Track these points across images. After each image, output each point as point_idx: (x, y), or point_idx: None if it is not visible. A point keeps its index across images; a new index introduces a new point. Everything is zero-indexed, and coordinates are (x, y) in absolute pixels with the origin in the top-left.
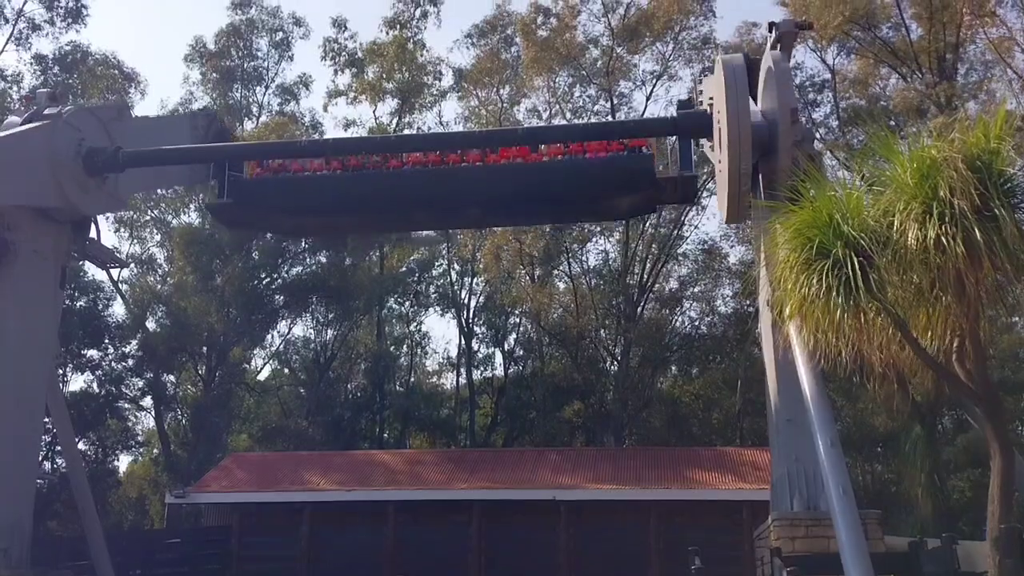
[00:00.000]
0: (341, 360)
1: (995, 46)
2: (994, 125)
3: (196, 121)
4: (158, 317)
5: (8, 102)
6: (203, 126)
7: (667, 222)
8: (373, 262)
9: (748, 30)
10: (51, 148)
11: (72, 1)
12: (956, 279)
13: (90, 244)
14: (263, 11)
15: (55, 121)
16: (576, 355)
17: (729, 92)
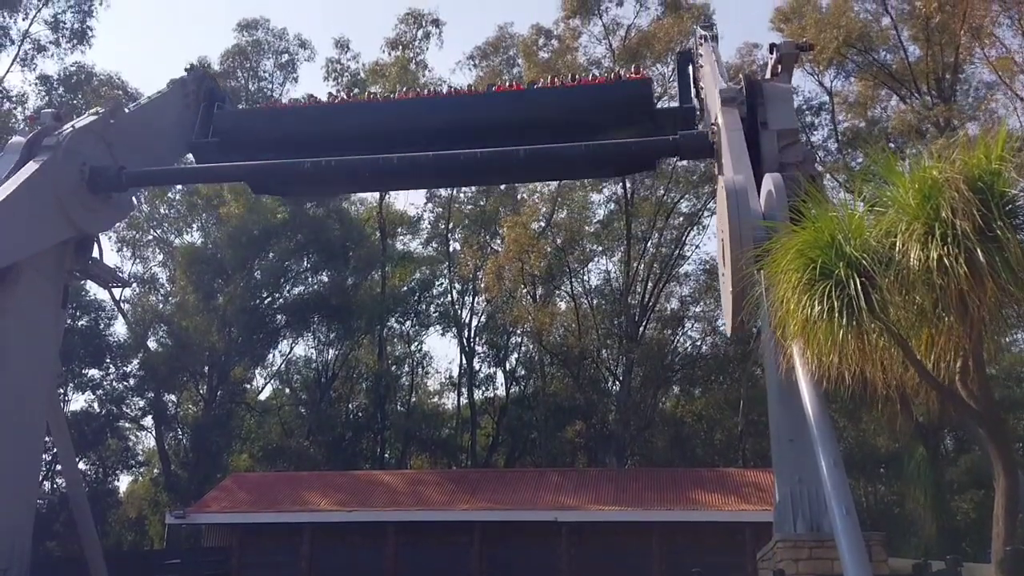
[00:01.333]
0: (342, 380)
1: (995, 67)
2: (995, 146)
3: (187, 88)
4: (159, 336)
5: (13, 122)
6: (194, 91)
7: (668, 242)
8: (375, 281)
9: (749, 51)
10: (56, 184)
11: (78, 23)
12: (959, 299)
13: (93, 263)
14: (269, 33)
15: (56, 153)
16: (578, 375)
17: (731, 213)
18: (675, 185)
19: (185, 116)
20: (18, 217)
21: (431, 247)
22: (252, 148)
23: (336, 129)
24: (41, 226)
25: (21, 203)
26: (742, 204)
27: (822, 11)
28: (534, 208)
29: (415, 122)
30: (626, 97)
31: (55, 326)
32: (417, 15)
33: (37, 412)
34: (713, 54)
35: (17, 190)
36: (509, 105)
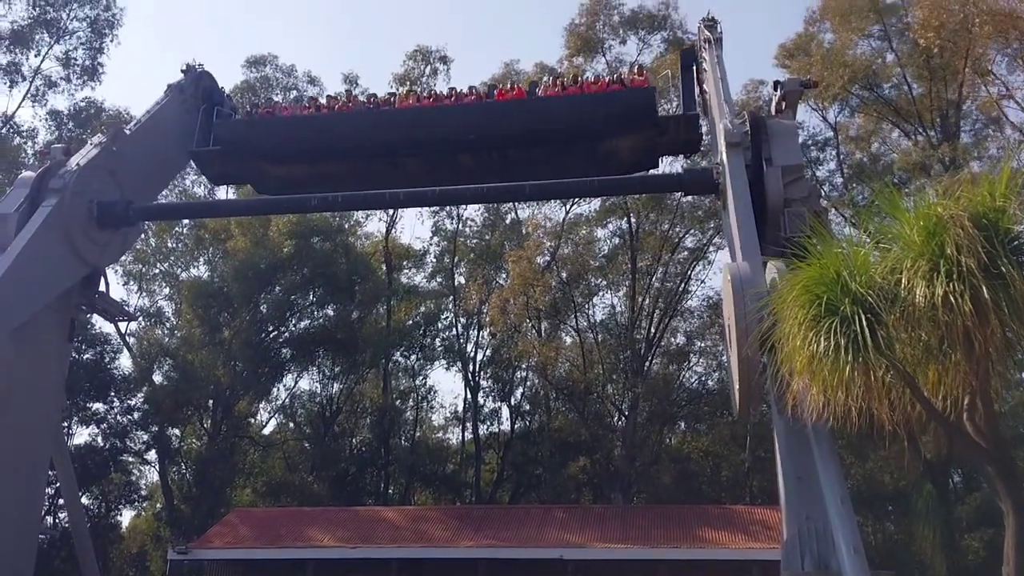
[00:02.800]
0: (347, 414)
1: (995, 104)
2: (999, 183)
3: (184, 93)
4: (165, 370)
5: (23, 156)
6: (192, 93)
7: (673, 276)
8: (380, 315)
9: (755, 87)
10: (66, 228)
11: (89, 60)
12: (965, 336)
13: (99, 297)
14: (278, 69)
15: (63, 197)
16: (583, 410)
17: (736, 301)
18: (680, 220)
19: (185, 121)
20: (33, 271)
21: (436, 281)
22: (254, 156)
23: (338, 138)
24: (55, 273)
25: (34, 257)
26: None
27: (827, 46)
28: (539, 242)
29: (419, 131)
30: (630, 105)
31: (61, 360)
32: (425, 52)
33: (41, 446)
34: (717, 59)
35: (29, 245)
36: (512, 114)
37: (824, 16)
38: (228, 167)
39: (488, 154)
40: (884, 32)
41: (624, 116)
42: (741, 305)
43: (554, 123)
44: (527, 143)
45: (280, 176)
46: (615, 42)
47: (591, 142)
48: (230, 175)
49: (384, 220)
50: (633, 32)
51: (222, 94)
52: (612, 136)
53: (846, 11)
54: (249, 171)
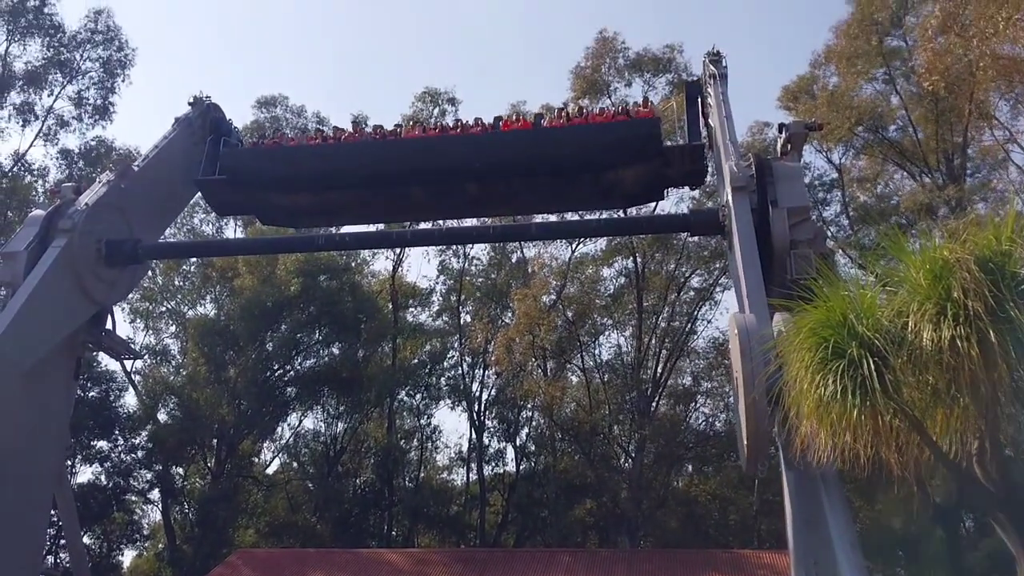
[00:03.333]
0: (350, 454)
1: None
2: (1005, 227)
3: (192, 126)
4: (170, 408)
5: (33, 195)
6: (200, 126)
7: (679, 316)
8: (385, 354)
9: (760, 129)
10: (75, 269)
11: (100, 99)
12: (972, 380)
13: (106, 335)
14: (288, 110)
15: (72, 238)
16: (589, 451)
17: (744, 358)
18: (686, 260)
19: (193, 153)
20: (44, 313)
21: (442, 320)
22: (259, 186)
23: (344, 167)
24: (65, 314)
25: (45, 298)
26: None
27: (830, 88)
28: (545, 281)
29: (424, 160)
30: (634, 134)
31: (66, 398)
32: (434, 93)
33: (44, 485)
34: (722, 96)
35: (39, 286)
36: (518, 143)
37: (829, 60)
38: (233, 196)
39: (494, 183)
40: (888, 75)
41: (629, 145)
42: (748, 360)
43: (559, 152)
44: (532, 172)
45: (285, 206)
46: (620, 84)
47: (596, 171)
48: (235, 205)
49: (391, 258)
50: (638, 75)
51: (230, 125)
52: (617, 165)
53: (851, 55)
54: (254, 201)
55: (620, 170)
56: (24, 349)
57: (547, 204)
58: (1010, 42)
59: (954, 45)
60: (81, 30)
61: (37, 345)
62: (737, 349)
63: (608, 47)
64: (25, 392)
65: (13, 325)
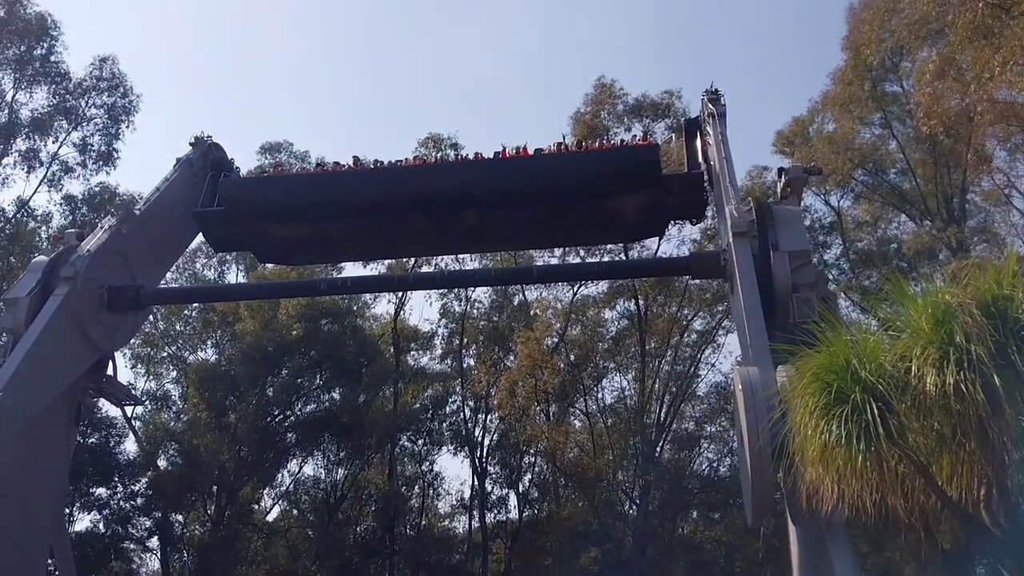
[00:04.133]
0: (351, 501)
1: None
2: (1006, 271)
3: (193, 166)
4: (170, 455)
5: (37, 240)
6: (201, 166)
7: (683, 359)
8: (387, 398)
9: (759, 173)
10: (77, 316)
11: (104, 145)
12: (978, 425)
13: (107, 381)
14: (292, 155)
15: (74, 285)
16: (593, 498)
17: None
18: (688, 302)
19: (194, 193)
20: (46, 361)
21: (445, 363)
22: (257, 216)
23: (343, 195)
24: (68, 361)
25: (48, 346)
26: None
27: (826, 133)
28: (547, 323)
29: (423, 188)
30: (634, 161)
31: (66, 445)
32: (437, 139)
33: (41, 534)
34: (721, 136)
35: (42, 335)
36: (518, 170)
37: (825, 106)
38: (231, 230)
39: (493, 212)
40: (885, 119)
41: (628, 172)
42: (753, 415)
43: (558, 179)
44: (531, 199)
45: (283, 238)
46: (620, 129)
47: (596, 199)
48: (232, 240)
49: (393, 302)
50: (637, 120)
51: (231, 164)
52: (617, 193)
53: (846, 100)
54: (251, 234)
55: (620, 198)
56: (26, 399)
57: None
58: (1007, 86)
59: (951, 90)
60: (87, 77)
61: (39, 394)
62: (741, 403)
63: (607, 93)
64: (24, 439)
65: (16, 375)
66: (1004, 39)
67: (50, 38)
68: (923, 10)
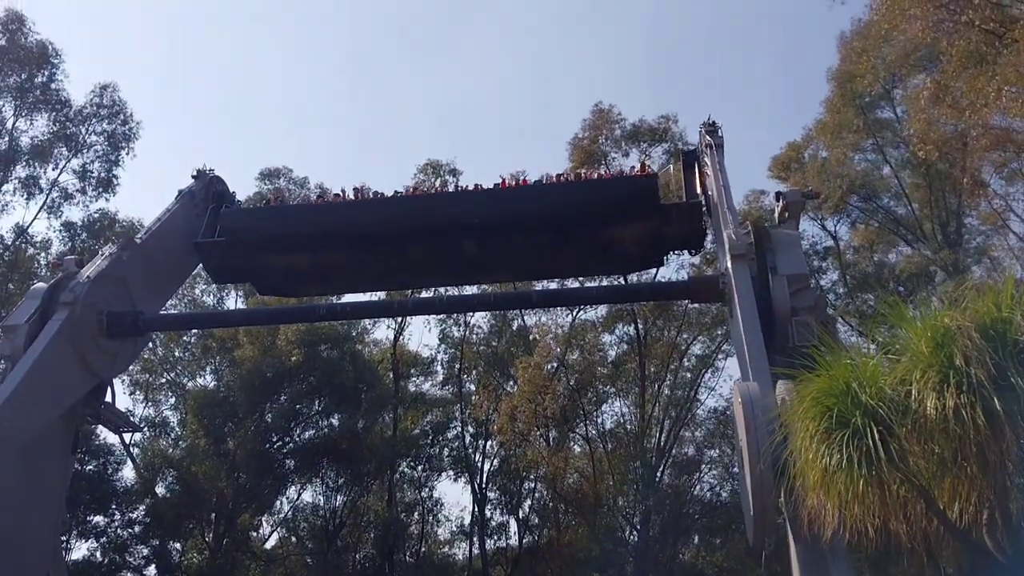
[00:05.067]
0: (350, 527)
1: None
2: (1004, 294)
3: (195, 199)
4: (168, 482)
5: (36, 267)
6: (202, 197)
7: (683, 384)
8: (386, 424)
9: (756, 198)
10: (75, 342)
11: (104, 172)
12: (979, 448)
13: (105, 408)
14: (292, 182)
15: (73, 310)
16: (594, 523)
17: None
18: (687, 326)
19: (196, 225)
20: (44, 386)
21: (445, 389)
22: (257, 246)
23: (343, 224)
24: (66, 386)
25: (45, 371)
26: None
27: (820, 159)
28: (547, 348)
29: (422, 217)
30: (633, 192)
31: (63, 472)
32: (436, 165)
33: (39, 563)
34: (719, 165)
35: (40, 358)
36: (517, 199)
37: (819, 134)
38: (231, 260)
39: (492, 241)
40: (877, 145)
41: (627, 201)
42: (753, 430)
43: (558, 207)
44: (530, 227)
45: (282, 267)
46: (618, 154)
47: (594, 228)
48: (232, 270)
49: (392, 327)
50: (635, 145)
51: (233, 197)
52: (616, 222)
53: (837, 128)
54: (251, 264)
55: (618, 227)
56: (22, 422)
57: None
58: (1001, 112)
59: (946, 116)
60: (87, 104)
61: (36, 419)
62: (741, 418)
63: (605, 119)
64: (22, 465)
65: (12, 398)
66: (998, 67)
67: (51, 66)
68: (918, 37)
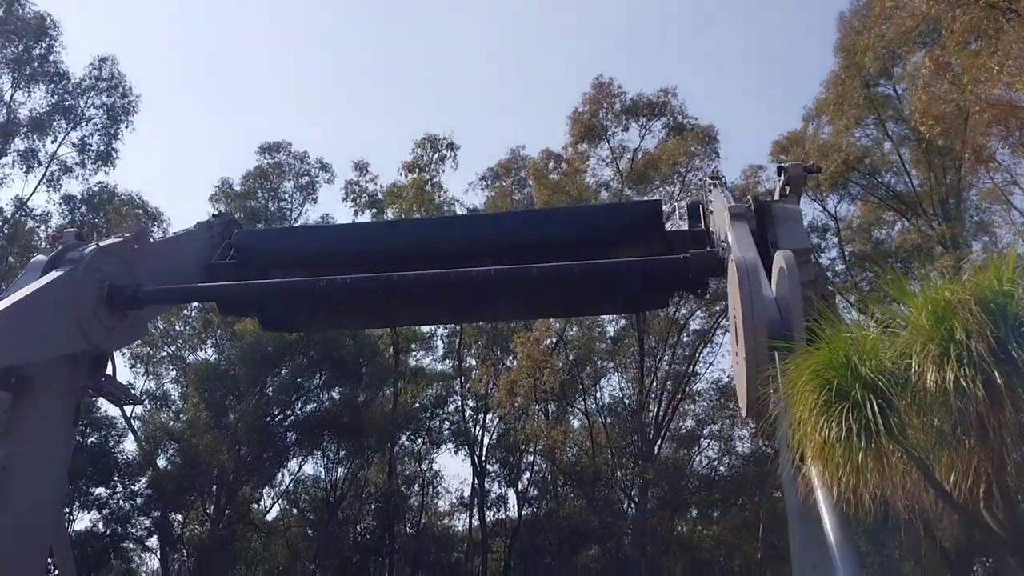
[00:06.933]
0: (351, 500)
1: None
2: (1006, 268)
3: (212, 231)
4: (169, 454)
5: (36, 240)
6: (219, 233)
7: (680, 359)
8: (387, 398)
9: (754, 173)
10: (73, 295)
11: (103, 145)
12: (978, 422)
13: (106, 380)
14: (291, 155)
15: (77, 267)
16: (592, 496)
17: (743, 289)
18: (686, 301)
19: (208, 254)
20: (29, 320)
21: (445, 364)
22: (266, 267)
23: (348, 248)
24: (52, 333)
25: (34, 306)
26: (753, 283)
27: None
28: (546, 324)
29: (427, 242)
30: (637, 217)
31: (65, 444)
32: (433, 139)
33: (41, 534)
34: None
35: (33, 293)
36: (522, 224)
37: (820, 112)
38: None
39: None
40: (879, 120)
41: (630, 226)
42: (749, 301)
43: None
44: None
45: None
46: (618, 129)
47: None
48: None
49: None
50: (635, 119)
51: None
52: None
53: (839, 102)
54: None
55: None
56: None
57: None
58: (1004, 87)
59: (948, 91)
60: (86, 77)
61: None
62: (736, 289)
63: (604, 92)
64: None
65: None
66: (1000, 42)
67: (49, 38)
68: (920, 10)
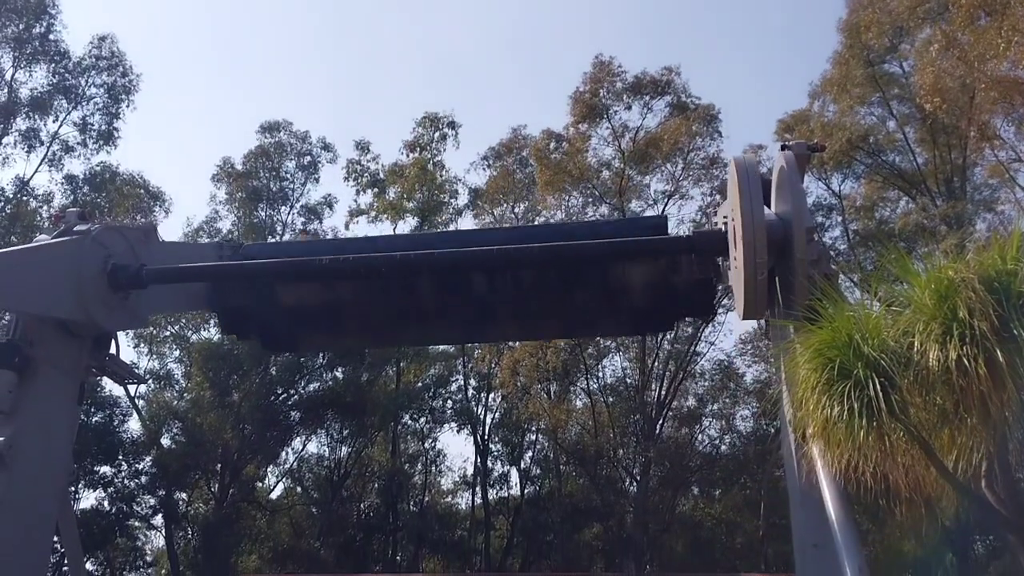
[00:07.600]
0: (354, 478)
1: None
2: (1009, 246)
3: (222, 251)
4: (173, 433)
5: (38, 220)
6: (228, 256)
7: (683, 339)
8: (389, 377)
9: (755, 152)
10: (77, 263)
11: (105, 125)
12: (980, 401)
13: (110, 360)
14: (292, 135)
15: (84, 238)
16: (594, 475)
17: (743, 188)
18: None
19: None
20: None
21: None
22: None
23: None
24: (51, 292)
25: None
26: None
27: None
28: None
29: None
30: (643, 230)
31: (70, 423)
32: (434, 118)
33: (48, 513)
34: None
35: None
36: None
37: (825, 89)
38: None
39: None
40: (883, 98)
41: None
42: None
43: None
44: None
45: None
46: (620, 108)
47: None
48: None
49: None
50: (637, 98)
51: None
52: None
53: (843, 80)
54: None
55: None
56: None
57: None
58: (1011, 64)
59: (954, 68)
60: (86, 56)
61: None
62: (735, 182)
63: (605, 71)
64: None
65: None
66: (1007, 17)
67: (49, 16)
68: None
